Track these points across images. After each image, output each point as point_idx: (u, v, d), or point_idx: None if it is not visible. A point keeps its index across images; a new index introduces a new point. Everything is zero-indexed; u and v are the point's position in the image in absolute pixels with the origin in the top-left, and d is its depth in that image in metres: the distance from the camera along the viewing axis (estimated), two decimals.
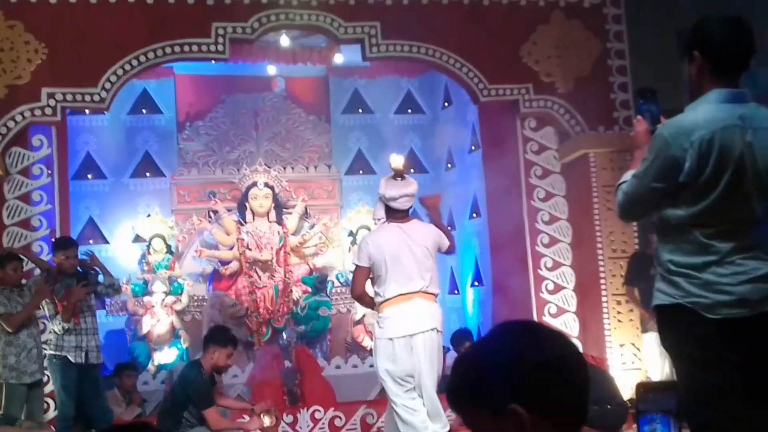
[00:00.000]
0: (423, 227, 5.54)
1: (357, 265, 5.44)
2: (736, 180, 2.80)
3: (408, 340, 5.23)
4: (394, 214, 5.44)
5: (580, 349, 1.64)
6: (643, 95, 3.16)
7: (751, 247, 2.83)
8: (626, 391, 6.75)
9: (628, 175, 3.04)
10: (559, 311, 7.94)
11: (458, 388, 1.60)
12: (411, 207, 5.53)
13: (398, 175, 5.46)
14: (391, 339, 5.26)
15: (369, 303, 5.56)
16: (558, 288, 7.98)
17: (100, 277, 6.82)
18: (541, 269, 7.98)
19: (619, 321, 7.74)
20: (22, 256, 6.73)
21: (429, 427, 5.23)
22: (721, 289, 2.80)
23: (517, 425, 1.51)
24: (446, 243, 5.55)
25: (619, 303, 7.75)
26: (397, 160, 5.53)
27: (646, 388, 2.12)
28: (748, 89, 2.93)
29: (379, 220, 5.62)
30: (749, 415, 2.78)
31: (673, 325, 2.92)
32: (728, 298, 2.79)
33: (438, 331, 5.32)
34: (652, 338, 7.12)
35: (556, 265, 8.00)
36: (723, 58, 2.89)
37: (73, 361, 6.45)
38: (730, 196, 2.80)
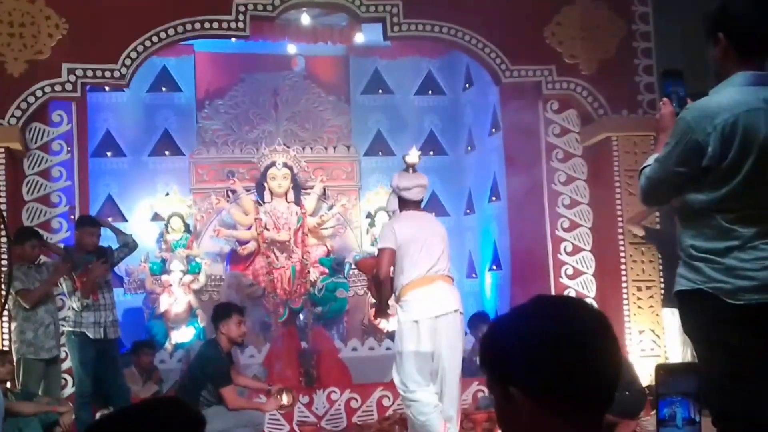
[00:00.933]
0: (432, 216, 5.88)
1: (383, 249, 5.49)
2: (760, 164, 2.75)
3: (433, 322, 5.30)
4: (408, 205, 5.59)
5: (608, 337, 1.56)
6: (670, 76, 3.10)
7: None
8: (645, 377, 6.69)
9: (651, 159, 3.00)
10: (578, 296, 7.87)
11: (481, 360, 1.61)
12: (423, 198, 5.73)
13: (411, 167, 5.64)
14: (416, 321, 5.32)
15: (387, 292, 5.55)
16: (578, 273, 7.91)
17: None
18: (560, 254, 7.91)
19: (639, 307, 7.66)
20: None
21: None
22: (743, 275, 2.76)
23: (515, 408, 1.49)
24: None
25: (639, 289, 7.67)
26: (414, 156, 5.69)
27: (665, 370, 2.07)
28: None
29: (393, 212, 5.76)
30: None
31: (695, 310, 2.89)
32: (750, 284, 2.75)
33: (460, 312, 5.44)
34: (670, 314, 7.03)
35: (576, 250, 7.93)
36: (748, 40, 2.83)
37: (91, 337, 6.48)
38: (754, 180, 2.76)
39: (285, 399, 6.08)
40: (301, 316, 8.96)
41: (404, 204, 5.60)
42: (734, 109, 2.75)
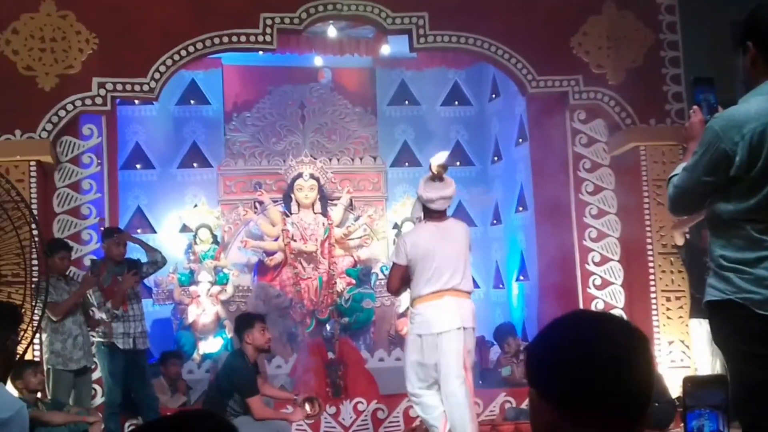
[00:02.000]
0: (457, 225, 5.74)
1: (395, 263, 5.65)
2: None
3: (434, 338, 5.42)
4: (431, 214, 5.60)
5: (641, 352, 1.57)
6: (700, 84, 3.07)
7: None
8: (674, 389, 6.62)
9: (679, 168, 2.98)
10: (606, 307, 7.81)
11: (525, 372, 1.64)
12: (447, 207, 5.70)
13: (437, 176, 5.57)
14: (419, 335, 5.48)
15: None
16: (606, 283, 7.85)
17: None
18: (588, 264, 7.86)
19: (668, 318, 7.59)
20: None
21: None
22: None
23: (547, 418, 1.50)
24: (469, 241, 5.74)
25: (668, 300, 7.60)
26: (439, 160, 5.62)
27: (693, 383, 2.05)
28: None
29: (417, 219, 5.81)
30: None
31: (725, 320, 2.87)
32: None
33: (466, 328, 5.45)
34: (697, 325, 6.95)
35: (604, 260, 7.87)
36: None
37: (121, 347, 6.54)
38: None
39: (309, 408, 6.07)
40: (328, 327, 8.96)
41: (428, 213, 5.63)
42: (762, 118, 2.72)
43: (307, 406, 6.08)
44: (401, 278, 5.63)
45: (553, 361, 1.53)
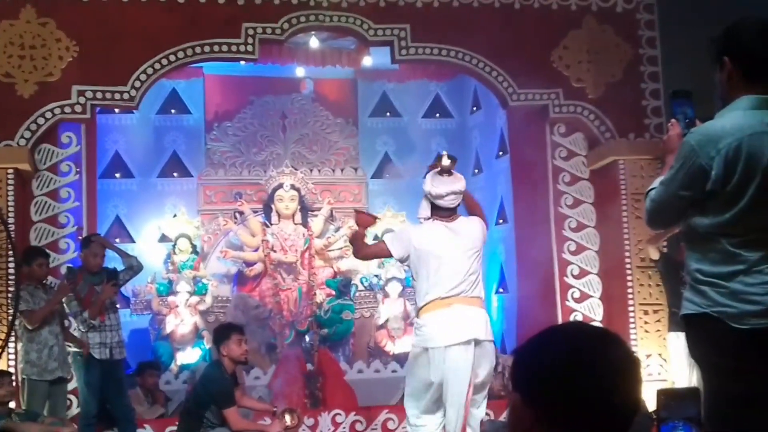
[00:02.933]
0: (469, 223, 5.14)
1: (384, 243, 5.16)
2: (764, 188, 2.73)
3: (443, 352, 4.81)
4: (440, 212, 5.08)
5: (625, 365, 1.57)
6: (678, 97, 3.08)
7: None
8: (651, 402, 6.64)
9: (657, 182, 2.99)
10: (585, 320, 7.83)
11: (510, 379, 1.63)
12: (458, 204, 5.17)
13: (445, 171, 5.09)
14: (426, 349, 4.88)
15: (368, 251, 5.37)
16: (584, 296, 7.88)
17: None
18: (567, 277, 7.89)
19: (646, 331, 7.63)
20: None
21: None
22: (748, 299, 2.74)
23: (528, 425, 1.50)
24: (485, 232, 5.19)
25: (646, 313, 7.65)
26: (448, 160, 5.13)
27: (667, 395, 2.07)
28: None
29: (425, 219, 5.18)
30: None
31: (701, 334, 2.88)
32: (756, 308, 2.73)
33: (479, 342, 4.84)
34: (675, 338, 6.99)
35: (583, 273, 7.91)
36: (752, 64, 2.82)
37: (97, 357, 6.48)
38: (758, 204, 2.74)
39: (289, 420, 6.04)
40: (307, 338, 8.94)
41: (436, 210, 5.09)
42: (738, 133, 2.74)
43: (287, 418, 6.05)
44: (375, 254, 5.31)
45: (545, 371, 1.53)
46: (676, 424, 1.97)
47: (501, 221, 9.45)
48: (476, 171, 10.29)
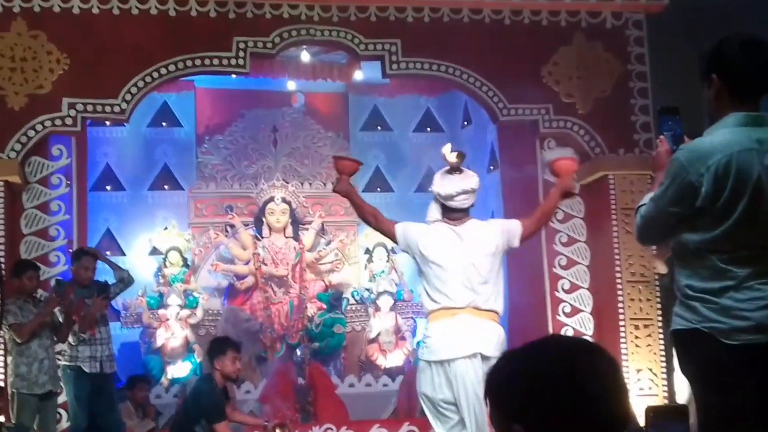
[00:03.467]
0: (483, 227, 4.63)
1: (394, 228, 4.69)
2: (754, 204, 2.74)
3: (446, 367, 4.37)
4: (451, 214, 4.58)
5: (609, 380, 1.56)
6: (666, 114, 3.10)
7: None
8: (642, 417, 6.65)
9: (647, 198, 3.00)
10: (575, 334, 7.85)
11: (487, 393, 1.60)
12: (472, 205, 4.65)
13: (454, 168, 4.64)
14: (429, 362, 4.44)
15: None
16: (575, 311, 7.90)
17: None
18: (558, 291, 7.91)
19: (637, 346, 7.65)
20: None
21: None
22: (738, 315, 2.74)
23: None
24: (519, 233, 4.64)
25: (637, 327, 7.66)
26: (453, 155, 4.68)
27: (656, 412, 2.07)
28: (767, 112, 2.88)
29: (433, 223, 4.68)
30: None
31: (691, 350, 2.88)
32: (746, 324, 2.73)
33: (486, 357, 4.34)
34: None
35: (574, 288, 7.93)
36: (740, 81, 2.83)
37: (87, 371, 6.45)
38: (747, 220, 2.75)
39: None
40: (298, 352, 8.92)
41: (447, 213, 4.60)
42: (727, 150, 2.75)
43: (278, 431, 6.03)
44: (381, 227, 4.77)
45: (530, 386, 1.51)
46: None
47: None
48: None
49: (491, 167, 9.49)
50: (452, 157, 4.64)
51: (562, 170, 4.92)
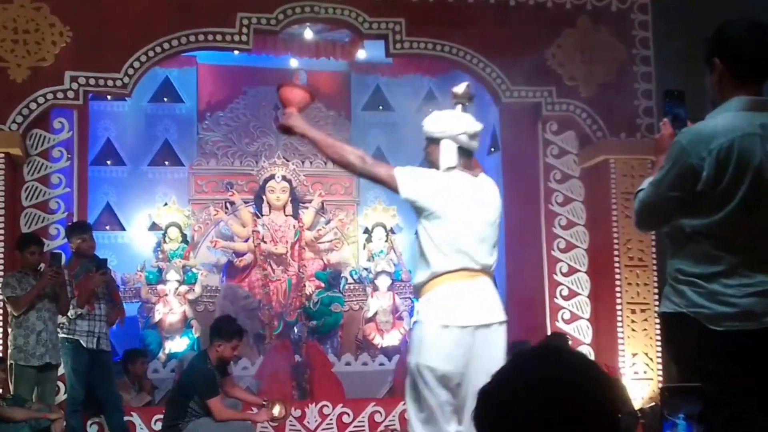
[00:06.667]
0: (491, 182, 3.99)
1: (394, 172, 3.80)
2: (754, 190, 2.72)
3: (467, 334, 3.62)
4: (468, 161, 3.86)
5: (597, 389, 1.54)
6: (671, 97, 3.07)
7: (764, 260, 2.75)
8: (637, 400, 6.70)
9: (646, 182, 2.98)
10: (572, 317, 7.88)
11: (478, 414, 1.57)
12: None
13: (466, 102, 3.99)
14: (447, 326, 3.61)
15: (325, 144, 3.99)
16: (573, 294, 7.92)
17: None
18: (556, 274, 7.93)
19: (633, 330, 7.67)
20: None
21: None
22: (725, 301, 2.73)
23: None
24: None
25: (633, 312, 7.68)
26: (462, 86, 4.05)
27: (670, 392, 2.07)
28: None
29: (448, 169, 3.82)
30: (750, 428, 2.72)
31: (677, 333, 2.87)
32: (732, 310, 2.72)
33: (501, 323, 3.76)
34: None
35: (572, 271, 7.94)
36: (744, 65, 2.81)
37: (84, 345, 6.46)
38: (748, 206, 2.73)
39: (277, 411, 6.05)
40: (296, 330, 8.95)
41: (464, 158, 3.86)
42: (730, 134, 2.73)
43: (277, 408, 6.05)
44: (373, 174, 3.85)
45: (525, 412, 1.49)
46: (677, 420, 1.98)
47: None
48: None
49: (492, 149, 9.47)
50: (462, 94, 4.00)
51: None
